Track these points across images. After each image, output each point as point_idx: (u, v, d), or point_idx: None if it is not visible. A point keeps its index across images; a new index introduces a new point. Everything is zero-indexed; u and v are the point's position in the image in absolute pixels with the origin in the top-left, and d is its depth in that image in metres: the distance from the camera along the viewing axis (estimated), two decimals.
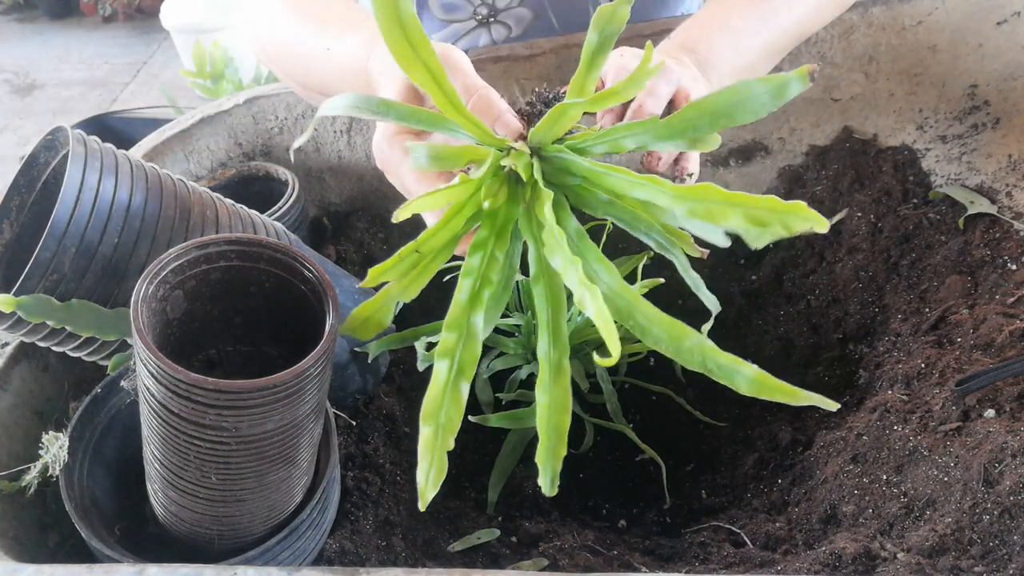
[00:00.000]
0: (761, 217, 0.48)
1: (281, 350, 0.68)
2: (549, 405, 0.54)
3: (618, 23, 0.54)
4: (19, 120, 3.20)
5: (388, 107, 0.57)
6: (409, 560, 0.73)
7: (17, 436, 0.77)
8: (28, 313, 0.64)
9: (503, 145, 0.58)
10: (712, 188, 0.50)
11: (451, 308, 0.55)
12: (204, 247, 0.61)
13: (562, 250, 0.51)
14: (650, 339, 0.54)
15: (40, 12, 3.98)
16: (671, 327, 0.54)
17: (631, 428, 0.93)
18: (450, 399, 0.53)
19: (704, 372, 0.54)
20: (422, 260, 0.57)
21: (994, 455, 0.68)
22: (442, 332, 0.55)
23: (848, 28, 1.02)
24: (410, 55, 0.53)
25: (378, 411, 0.87)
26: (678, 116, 0.55)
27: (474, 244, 0.57)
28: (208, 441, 0.56)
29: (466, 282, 0.56)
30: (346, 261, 1.04)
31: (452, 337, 0.55)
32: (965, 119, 1.05)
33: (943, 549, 0.66)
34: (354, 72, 0.73)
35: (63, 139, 0.73)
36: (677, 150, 0.57)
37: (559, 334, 0.56)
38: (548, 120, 0.56)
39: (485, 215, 0.58)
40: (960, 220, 0.95)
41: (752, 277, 1.10)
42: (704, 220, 0.51)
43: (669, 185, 0.52)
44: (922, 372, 0.82)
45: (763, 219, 0.48)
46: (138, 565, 0.56)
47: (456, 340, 0.54)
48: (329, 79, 0.80)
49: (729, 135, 1.11)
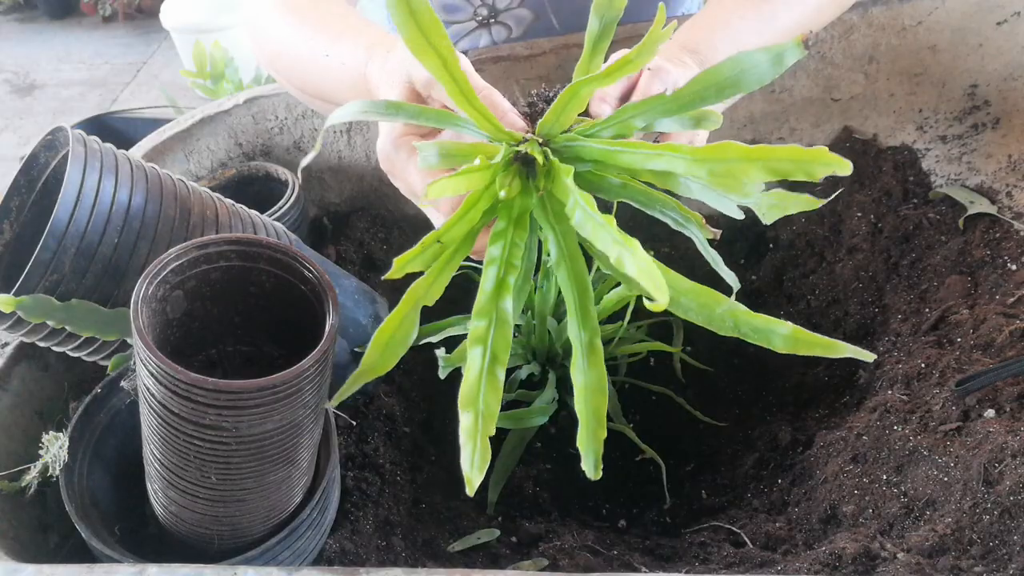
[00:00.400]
0: (783, 168, 0.48)
1: (281, 350, 0.68)
2: (585, 387, 0.53)
3: (617, 8, 0.55)
4: (19, 120, 3.20)
5: (397, 108, 0.57)
6: (409, 560, 0.73)
7: (17, 436, 0.77)
8: (28, 313, 0.64)
9: (513, 139, 0.58)
10: (731, 145, 0.50)
11: (478, 297, 0.55)
12: (204, 247, 0.61)
13: (592, 216, 0.50)
14: (680, 309, 0.54)
15: (40, 12, 3.98)
16: (701, 294, 0.54)
17: (631, 428, 0.93)
18: (487, 385, 0.53)
19: (738, 336, 0.54)
20: (444, 251, 0.56)
21: (994, 455, 0.68)
22: (472, 322, 0.54)
23: (848, 28, 1.02)
24: (422, 41, 0.53)
25: (378, 411, 0.87)
26: (686, 88, 0.55)
27: (494, 234, 0.57)
28: (208, 441, 0.56)
29: (491, 271, 0.56)
30: (346, 261, 1.04)
31: (483, 324, 0.54)
32: (965, 119, 1.05)
33: (943, 549, 0.66)
34: (352, 78, 0.73)
35: (63, 139, 0.73)
36: (684, 129, 0.57)
37: (587, 315, 0.56)
38: (558, 104, 0.55)
39: (501, 207, 0.57)
40: (960, 220, 0.95)
41: (752, 277, 1.10)
42: (725, 181, 0.50)
43: (687, 148, 0.52)
44: (922, 372, 0.82)
45: (785, 169, 0.48)
46: (138, 565, 0.56)
47: (487, 327, 0.54)
48: (326, 84, 0.79)
49: (729, 135, 1.10)
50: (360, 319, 0.85)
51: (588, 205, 0.51)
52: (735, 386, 1.03)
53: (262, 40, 0.89)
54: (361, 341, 0.85)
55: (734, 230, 1.13)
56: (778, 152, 0.49)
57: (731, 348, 1.06)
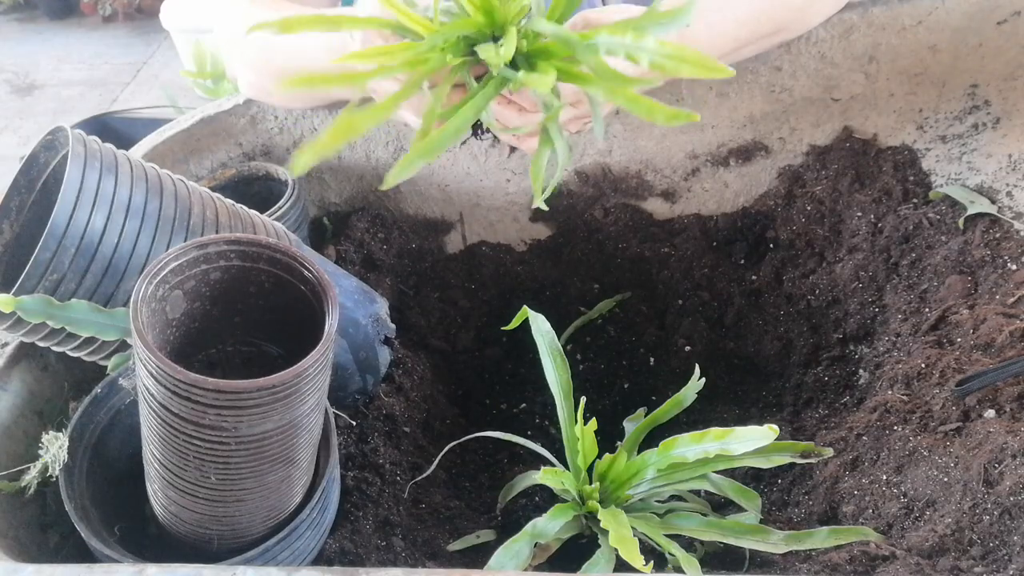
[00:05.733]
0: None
1: (281, 350, 0.68)
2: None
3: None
4: (19, 120, 3.20)
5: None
6: (409, 560, 0.73)
7: (17, 436, 0.77)
8: (28, 313, 0.64)
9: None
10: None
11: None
12: (204, 247, 0.61)
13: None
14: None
15: (40, 12, 3.97)
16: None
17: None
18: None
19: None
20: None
21: (994, 455, 0.68)
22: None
23: (848, 28, 1.02)
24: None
25: (378, 411, 0.87)
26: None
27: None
28: (208, 441, 0.56)
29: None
30: (346, 261, 1.04)
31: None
32: (965, 119, 1.05)
33: (943, 549, 0.66)
34: (324, 44, 0.78)
35: (63, 139, 0.73)
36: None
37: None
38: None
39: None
40: (960, 220, 0.95)
41: (752, 277, 1.10)
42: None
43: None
44: (922, 372, 0.82)
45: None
46: (138, 565, 0.56)
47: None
48: (297, 51, 0.83)
49: (729, 135, 1.11)
50: (360, 319, 0.85)
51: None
52: (735, 386, 1.03)
53: (232, 27, 0.91)
54: (361, 341, 0.85)
55: (734, 230, 1.13)
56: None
57: (731, 348, 1.06)
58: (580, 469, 0.77)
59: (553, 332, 0.83)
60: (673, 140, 1.11)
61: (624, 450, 0.79)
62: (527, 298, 1.11)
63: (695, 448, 0.73)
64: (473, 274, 1.15)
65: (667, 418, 0.83)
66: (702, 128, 1.11)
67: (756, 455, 0.74)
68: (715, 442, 0.73)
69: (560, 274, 1.15)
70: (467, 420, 1.02)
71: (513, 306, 0.97)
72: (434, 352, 1.05)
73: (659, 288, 1.12)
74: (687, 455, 0.74)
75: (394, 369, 0.92)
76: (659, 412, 0.83)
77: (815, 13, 0.98)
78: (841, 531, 0.71)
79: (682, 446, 0.74)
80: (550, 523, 0.71)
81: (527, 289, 1.14)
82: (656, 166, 1.13)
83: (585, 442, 0.76)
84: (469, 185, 1.13)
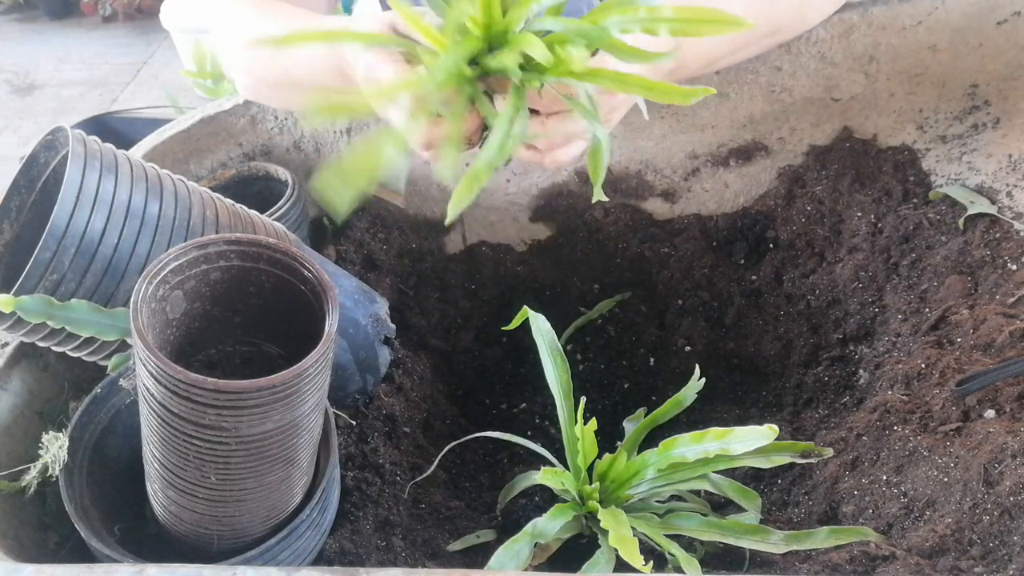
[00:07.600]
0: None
1: (281, 350, 0.68)
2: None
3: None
4: (19, 120, 3.20)
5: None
6: (409, 560, 0.73)
7: (17, 436, 0.77)
8: (28, 313, 0.64)
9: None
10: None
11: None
12: (204, 247, 0.61)
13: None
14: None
15: (40, 12, 3.97)
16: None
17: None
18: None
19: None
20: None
21: (994, 455, 0.68)
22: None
23: (848, 28, 1.02)
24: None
25: (378, 411, 0.87)
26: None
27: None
28: (208, 441, 0.56)
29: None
30: (346, 261, 1.04)
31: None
32: (965, 119, 1.05)
33: (943, 549, 0.66)
34: (323, 54, 0.76)
35: (63, 139, 0.73)
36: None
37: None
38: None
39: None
40: (960, 220, 0.95)
41: (752, 277, 1.10)
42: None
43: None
44: (922, 372, 0.82)
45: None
46: (138, 565, 0.56)
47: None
48: (294, 60, 0.82)
49: (729, 135, 1.11)
50: (360, 319, 0.85)
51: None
52: (735, 386, 1.03)
53: (224, 42, 0.91)
54: (361, 341, 0.85)
55: (734, 230, 1.13)
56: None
57: (731, 348, 1.06)
58: (580, 469, 0.77)
59: (553, 332, 0.83)
60: (673, 140, 1.11)
61: (624, 450, 0.79)
62: (527, 298, 1.11)
63: (695, 448, 0.73)
64: (473, 274, 1.15)
65: (667, 418, 0.83)
66: (702, 128, 1.11)
67: (756, 455, 0.74)
68: (715, 442, 0.73)
69: (560, 274, 1.15)
70: (467, 420, 1.02)
71: (513, 306, 0.97)
72: (434, 352, 1.05)
73: (659, 288, 1.12)
74: (687, 455, 0.74)
75: (394, 369, 0.92)
76: (659, 412, 0.83)
77: (812, 13, 0.98)
78: (841, 531, 0.71)
79: (682, 446, 0.74)
80: (550, 523, 0.71)
81: (527, 289, 1.14)
82: (656, 166, 1.13)
83: (585, 442, 0.76)
84: None
